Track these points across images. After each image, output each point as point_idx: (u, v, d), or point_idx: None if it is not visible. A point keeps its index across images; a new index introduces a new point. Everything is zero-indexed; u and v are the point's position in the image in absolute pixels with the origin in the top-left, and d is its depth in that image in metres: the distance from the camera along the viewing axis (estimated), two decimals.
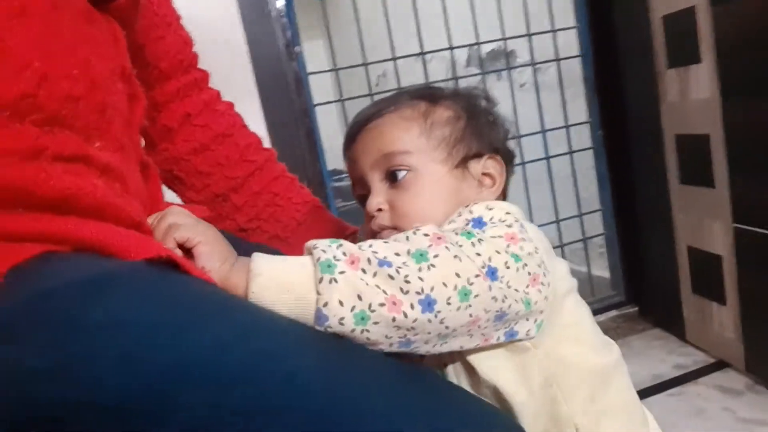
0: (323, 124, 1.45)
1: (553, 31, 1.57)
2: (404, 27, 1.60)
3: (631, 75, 1.52)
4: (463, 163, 0.59)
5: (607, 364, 0.55)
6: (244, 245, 0.52)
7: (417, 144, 0.58)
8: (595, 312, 1.67)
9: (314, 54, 1.56)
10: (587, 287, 1.72)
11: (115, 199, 0.42)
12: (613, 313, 1.69)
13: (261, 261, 0.45)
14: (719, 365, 1.38)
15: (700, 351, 1.45)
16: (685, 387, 1.32)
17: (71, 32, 0.45)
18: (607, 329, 1.64)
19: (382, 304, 0.42)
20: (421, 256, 0.45)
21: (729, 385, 1.30)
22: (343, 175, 2.07)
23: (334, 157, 1.58)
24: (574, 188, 1.67)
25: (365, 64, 1.45)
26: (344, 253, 0.44)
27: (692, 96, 1.29)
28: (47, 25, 0.42)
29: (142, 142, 0.60)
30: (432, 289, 0.43)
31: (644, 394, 1.29)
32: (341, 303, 0.42)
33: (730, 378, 1.32)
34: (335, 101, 1.47)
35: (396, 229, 0.57)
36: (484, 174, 0.61)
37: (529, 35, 1.57)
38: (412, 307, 0.43)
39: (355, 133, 0.62)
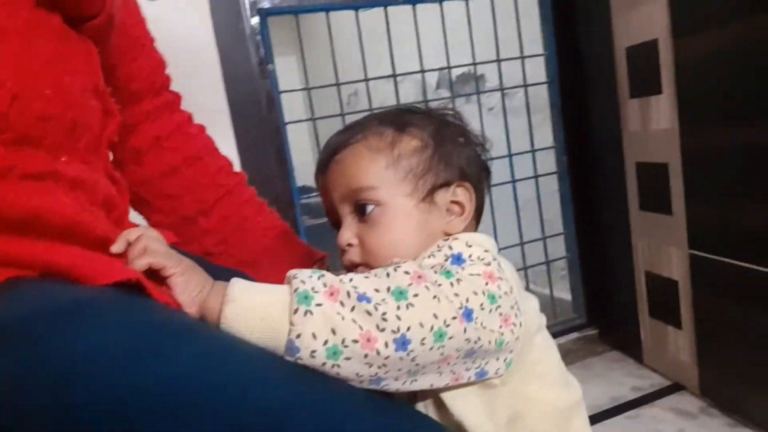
0: (294, 141, 1.45)
1: (522, 57, 1.61)
2: (377, 47, 1.62)
3: (595, 103, 1.57)
4: (430, 193, 0.58)
5: (570, 402, 0.56)
6: (213, 269, 0.52)
7: (383, 177, 0.58)
8: (557, 334, 1.71)
9: (286, 70, 1.56)
10: (549, 309, 1.75)
11: (84, 216, 0.42)
12: (574, 335, 1.73)
13: (237, 287, 0.45)
14: (675, 388, 1.42)
15: (657, 374, 1.49)
16: (642, 409, 1.35)
17: (46, 51, 0.45)
18: (568, 351, 1.67)
19: (355, 341, 0.42)
20: (400, 294, 0.45)
21: (684, 408, 1.33)
22: (313, 194, 2.07)
23: (303, 174, 1.58)
24: (538, 211, 1.70)
25: (338, 84, 1.46)
26: (324, 285, 0.44)
27: (653, 126, 1.34)
28: (22, 44, 0.42)
29: (111, 157, 0.59)
30: (408, 329, 0.44)
31: (603, 416, 1.32)
32: (314, 336, 0.42)
33: (685, 401, 1.36)
34: (306, 120, 1.48)
35: (366, 265, 0.57)
36: (452, 202, 0.60)
37: (498, 61, 1.60)
38: (386, 345, 0.43)
39: (324, 164, 0.62)
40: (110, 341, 0.35)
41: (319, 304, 0.42)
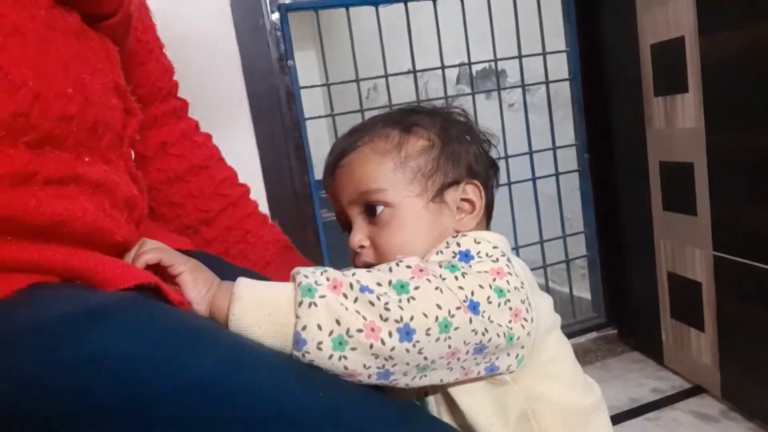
0: (313, 135, 1.45)
1: (544, 54, 1.59)
2: (396, 42, 1.61)
3: (618, 100, 1.54)
4: (440, 193, 0.58)
5: (586, 404, 0.55)
6: (228, 268, 0.52)
7: (392, 179, 0.58)
8: (576, 333, 1.69)
9: (306, 65, 1.56)
10: (569, 308, 1.73)
11: (105, 222, 0.42)
12: (594, 334, 1.71)
13: (243, 285, 0.45)
14: (695, 390, 1.39)
15: (678, 376, 1.47)
16: (662, 411, 1.33)
17: (65, 50, 0.45)
18: (587, 351, 1.65)
19: (360, 330, 0.42)
20: (402, 287, 0.45)
21: (705, 411, 1.31)
22: None
23: (322, 168, 1.58)
24: (558, 209, 1.68)
25: (357, 80, 1.46)
26: (327, 279, 0.45)
27: (678, 124, 1.32)
28: (41, 43, 0.42)
29: (132, 155, 0.59)
30: (411, 318, 0.44)
31: (622, 417, 1.30)
32: (319, 327, 0.42)
33: (706, 404, 1.34)
34: (326, 116, 1.48)
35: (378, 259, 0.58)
36: (462, 200, 0.60)
37: (519, 57, 1.58)
38: (390, 335, 0.43)
39: (332, 168, 0.62)
40: (134, 347, 0.35)
41: (322, 296, 0.43)
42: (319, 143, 1.54)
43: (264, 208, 1.29)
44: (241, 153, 1.27)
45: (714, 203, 1.25)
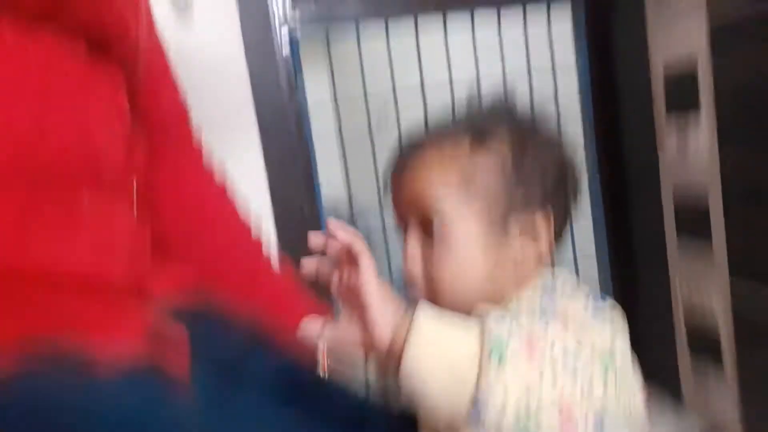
0: (321, 156, 1.43)
1: (554, 76, 1.58)
2: (405, 62, 1.59)
3: (630, 120, 1.52)
4: (503, 219, 0.53)
5: None
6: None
7: (454, 194, 0.53)
8: None
9: (315, 82, 1.54)
10: None
11: (102, 267, 0.41)
12: None
13: (423, 320, 0.42)
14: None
15: (697, 417, 1.42)
16: None
17: (69, 79, 0.43)
18: None
19: (554, 404, 0.37)
20: (606, 367, 0.41)
21: None
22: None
23: (331, 190, 1.56)
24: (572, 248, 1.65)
25: (365, 100, 1.45)
26: (518, 335, 0.40)
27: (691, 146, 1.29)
28: (44, 73, 0.41)
29: (135, 185, 0.57)
30: (606, 408, 0.38)
31: None
32: (506, 391, 0.37)
33: None
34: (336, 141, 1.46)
35: (430, 291, 0.54)
36: (528, 230, 0.54)
37: (529, 73, 1.57)
38: (585, 419, 0.38)
39: (398, 166, 0.58)
40: None
41: (515, 354, 0.38)
42: (328, 165, 1.52)
43: (270, 229, 1.28)
44: (248, 174, 1.26)
45: (729, 228, 1.21)
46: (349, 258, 0.47)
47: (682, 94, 1.29)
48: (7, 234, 0.36)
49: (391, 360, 0.41)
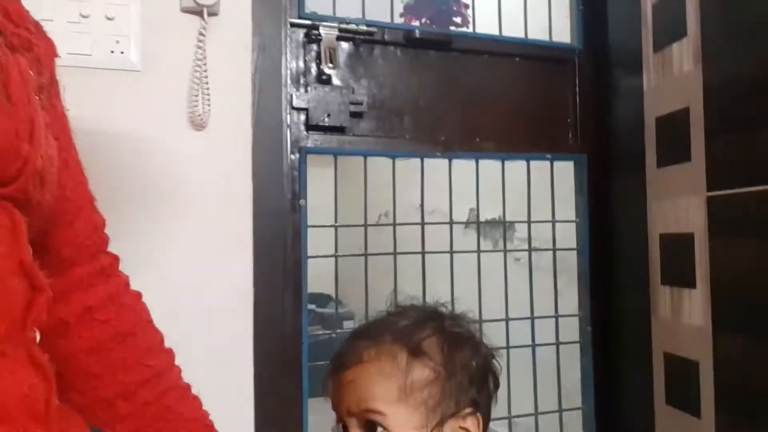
0: (313, 273, 1.42)
1: (553, 222, 1.60)
2: (407, 184, 1.61)
3: (625, 282, 1.52)
4: (440, 425, 0.60)
5: None
6: None
7: (395, 406, 0.59)
8: None
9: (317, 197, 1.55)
10: None
11: None
12: None
13: None
14: None
15: None
16: None
17: None
18: None
19: None
20: None
21: None
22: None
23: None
24: (557, 379, 1.61)
25: (365, 226, 1.46)
26: None
27: (684, 319, 1.28)
28: None
29: (38, 337, 0.53)
30: None
31: None
32: None
33: None
34: (329, 255, 1.46)
35: None
36: (461, 428, 0.62)
37: (528, 222, 1.59)
38: None
39: (335, 374, 0.64)
40: None
41: None
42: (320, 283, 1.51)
43: (248, 348, 1.25)
44: (235, 284, 1.25)
45: (719, 407, 1.18)
46: None
47: (679, 269, 1.30)
48: None
49: None
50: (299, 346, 1.34)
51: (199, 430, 0.73)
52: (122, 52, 1.16)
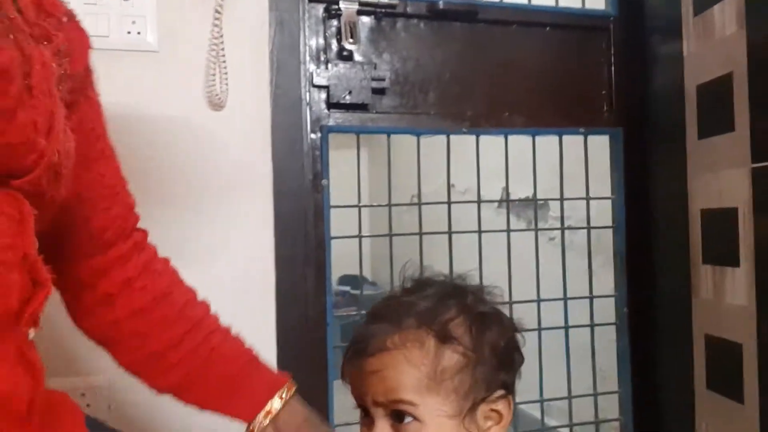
0: (337, 253, 1.40)
1: (587, 198, 1.53)
2: (435, 159, 1.57)
3: (663, 260, 1.45)
4: (472, 410, 0.58)
5: None
6: None
7: (425, 396, 0.57)
8: None
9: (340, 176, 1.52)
10: None
11: None
12: None
13: None
14: None
15: None
16: None
17: None
18: None
19: None
20: None
21: None
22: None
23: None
24: (591, 363, 1.55)
25: (389, 205, 1.43)
26: None
27: (727, 299, 1.21)
28: None
29: (32, 334, 0.53)
30: None
31: None
32: None
33: None
34: (354, 236, 1.43)
35: None
36: (492, 410, 0.60)
37: (561, 200, 1.53)
38: None
39: (356, 360, 0.61)
40: None
41: None
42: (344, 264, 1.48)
43: (271, 329, 1.24)
44: (257, 272, 1.24)
45: (763, 390, 1.11)
46: None
47: (721, 246, 1.23)
48: None
49: None
50: (323, 328, 1.33)
51: (244, 365, 0.79)
52: (139, 33, 1.15)
